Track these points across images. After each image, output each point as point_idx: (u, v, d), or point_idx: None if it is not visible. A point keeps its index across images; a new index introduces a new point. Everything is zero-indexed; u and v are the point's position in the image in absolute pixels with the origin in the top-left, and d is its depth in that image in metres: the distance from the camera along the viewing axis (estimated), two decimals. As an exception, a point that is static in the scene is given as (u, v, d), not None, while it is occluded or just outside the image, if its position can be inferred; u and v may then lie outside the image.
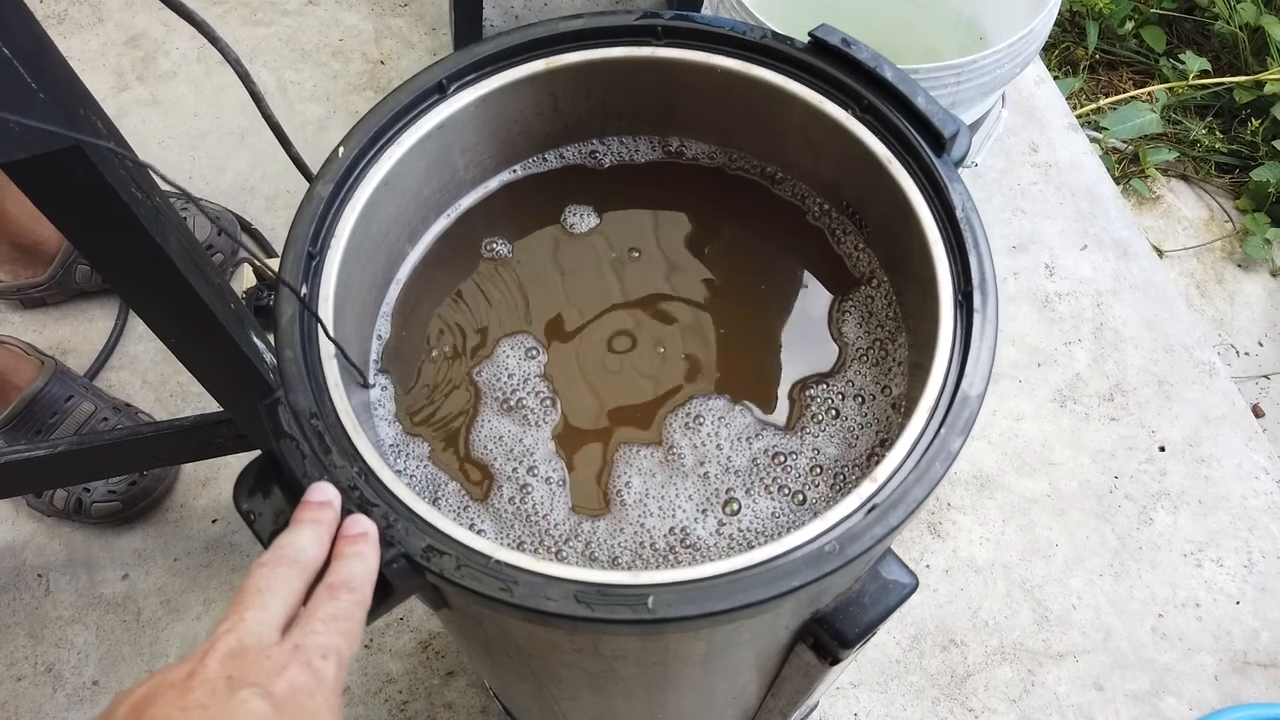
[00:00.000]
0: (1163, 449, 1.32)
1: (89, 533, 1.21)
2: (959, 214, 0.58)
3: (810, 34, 0.64)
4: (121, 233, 0.79)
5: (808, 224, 0.71)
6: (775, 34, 0.65)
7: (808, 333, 0.67)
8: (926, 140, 0.60)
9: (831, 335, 0.67)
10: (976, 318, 0.55)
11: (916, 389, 0.57)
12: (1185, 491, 1.29)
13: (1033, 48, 1.07)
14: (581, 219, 0.71)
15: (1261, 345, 1.68)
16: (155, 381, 1.32)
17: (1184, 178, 1.89)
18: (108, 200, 0.76)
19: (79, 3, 1.64)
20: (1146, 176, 1.83)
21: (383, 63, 1.61)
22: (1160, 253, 1.77)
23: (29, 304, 1.34)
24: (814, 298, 0.69)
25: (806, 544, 0.51)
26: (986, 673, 1.18)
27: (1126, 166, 1.85)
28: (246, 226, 1.43)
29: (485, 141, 0.69)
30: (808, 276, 0.69)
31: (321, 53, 1.62)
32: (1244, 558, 1.25)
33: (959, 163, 0.61)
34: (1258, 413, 1.61)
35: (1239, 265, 1.77)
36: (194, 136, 1.52)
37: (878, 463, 0.54)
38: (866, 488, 0.52)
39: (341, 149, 0.61)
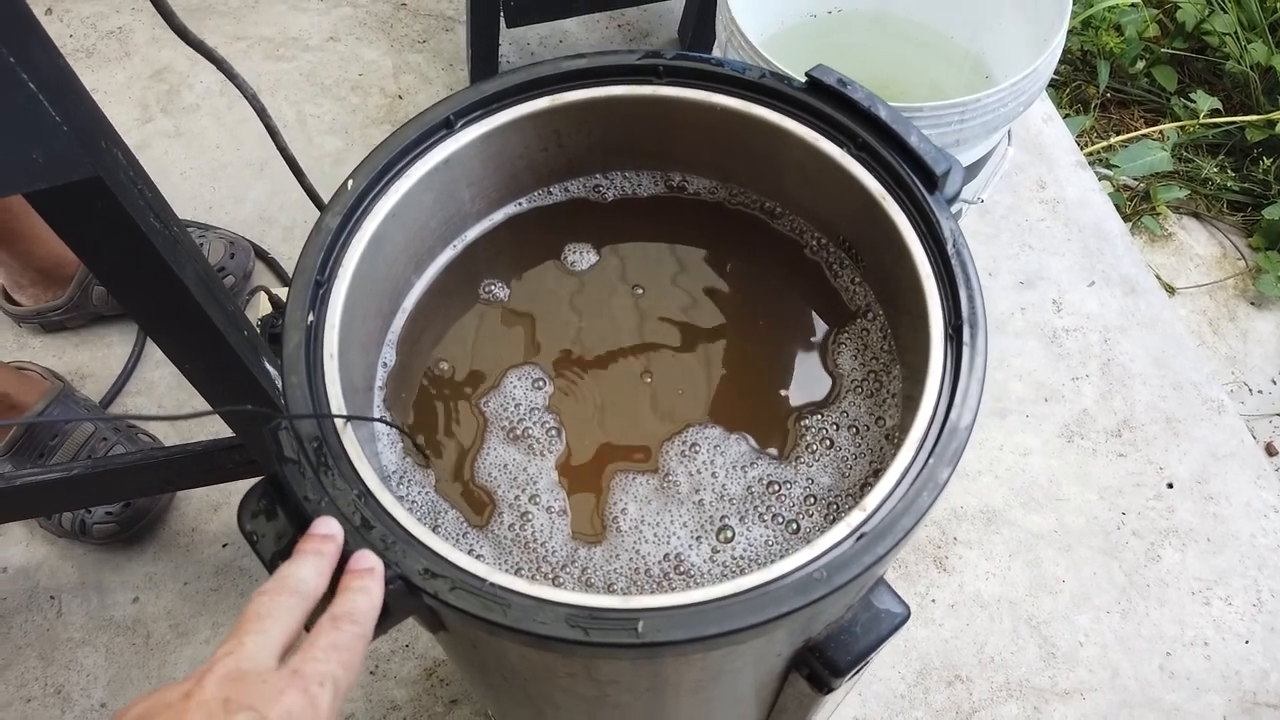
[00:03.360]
0: (1171, 486, 1.32)
1: (101, 555, 1.23)
2: (950, 250, 0.59)
3: (807, 74, 0.66)
4: (139, 261, 0.81)
5: (805, 258, 0.72)
6: (773, 74, 0.67)
7: (804, 364, 0.68)
8: (919, 178, 0.62)
9: (827, 367, 0.68)
10: (965, 352, 0.56)
11: (909, 420, 0.58)
12: (1194, 529, 1.29)
13: (1036, 86, 1.09)
14: (583, 255, 0.73)
15: (1275, 383, 1.68)
16: (171, 407, 1.34)
17: (1196, 215, 1.89)
18: (126, 229, 0.79)
19: (107, 38, 1.69)
20: (1158, 214, 1.84)
21: (400, 97, 1.65)
22: (1172, 290, 1.78)
23: (49, 328, 1.37)
24: (811, 330, 0.70)
25: (795, 571, 0.52)
26: (992, 709, 1.17)
27: (1138, 204, 1.86)
28: (263, 255, 1.45)
29: (491, 176, 0.71)
30: (805, 309, 0.71)
31: (341, 87, 1.65)
32: (1253, 596, 1.24)
33: (952, 200, 0.63)
34: (1271, 451, 1.60)
35: (1252, 303, 1.77)
36: (215, 167, 1.55)
37: (869, 492, 0.55)
38: (855, 516, 0.53)
39: (350, 182, 0.63)
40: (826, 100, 0.65)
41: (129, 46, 1.67)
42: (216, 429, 1.31)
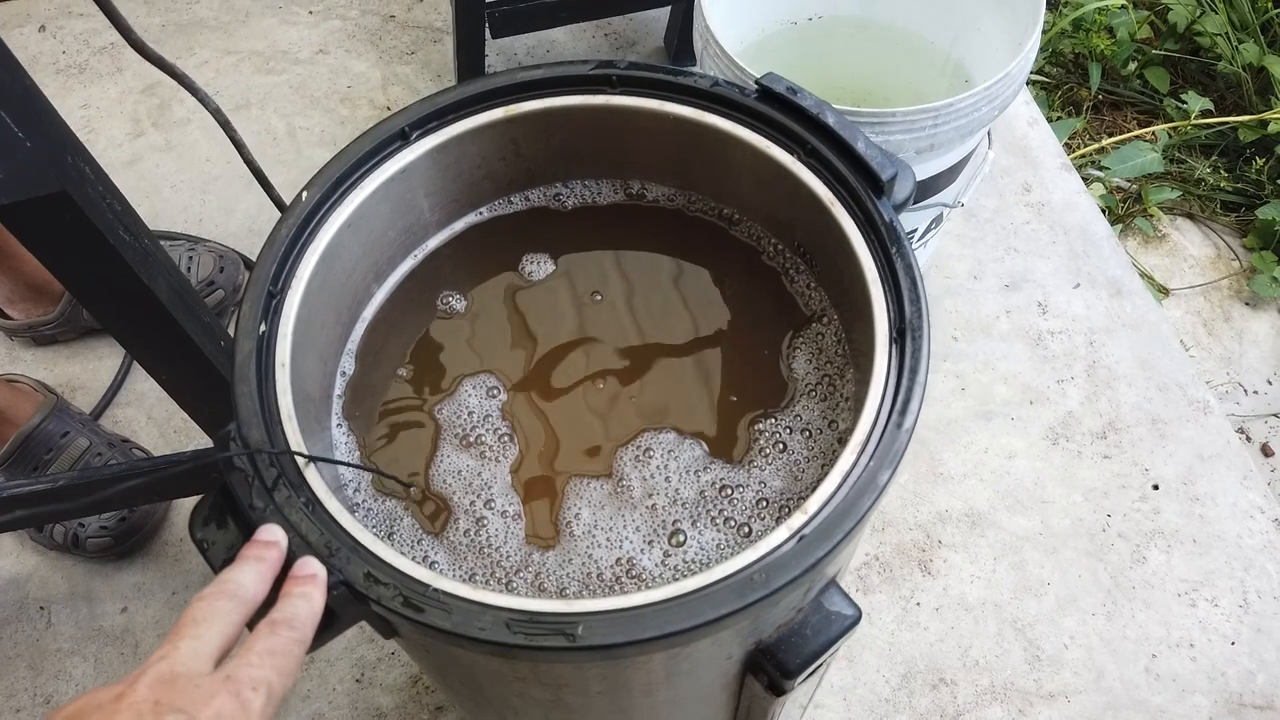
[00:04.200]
0: (1156, 487, 1.31)
1: (90, 566, 1.24)
2: (894, 255, 0.59)
3: (757, 81, 0.66)
4: (110, 274, 0.82)
5: (763, 264, 0.73)
6: (725, 82, 0.67)
7: (760, 369, 0.69)
8: (866, 183, 0.62)
9: (781, 371, 0.68)
10: (909, 356, 0.57)
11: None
12: (1179, 530, 1.28)
13: (1010, 90, 1.09)
14: (540, 265, 0.74)
15: (1270, 384, 1.67)
16: (160, 418, 1.35)
17: (1190, 216, 1.89)
18: (95, 243, 0.80)
19: (99, 54, 1.71)
20: (1150, 215, 1.83)
21: (389, 108, 1.66)
22: (1166, 291, 1.78)
23: (41, 341, 1.38)
24: (767, 335, 0.70)
25: (736, 574, 0.52)
26: (977, 712, 1.17)
27: (1130, 205, 1.85)
28: (251, 266, 1.47)
29: (449, 185, 0.72)
30: (762, 314, 0.71)
31: (330, 99, 1.67)
32: (1239, 598, 1.23)
33: (901, 206, 0.63)
34: (1267, 451, 1.60)
35: (1246, 303, 1.77)
36: (205, 180, 1.57)
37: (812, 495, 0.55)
38: (797, 519, 0.54)
39: (305, 193, 0.64)
40: (777, 107, 0.66)
41: (121, 62, 1.69)
42: (205, 439, 1.32)
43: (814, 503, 0.54)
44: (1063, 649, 1.21)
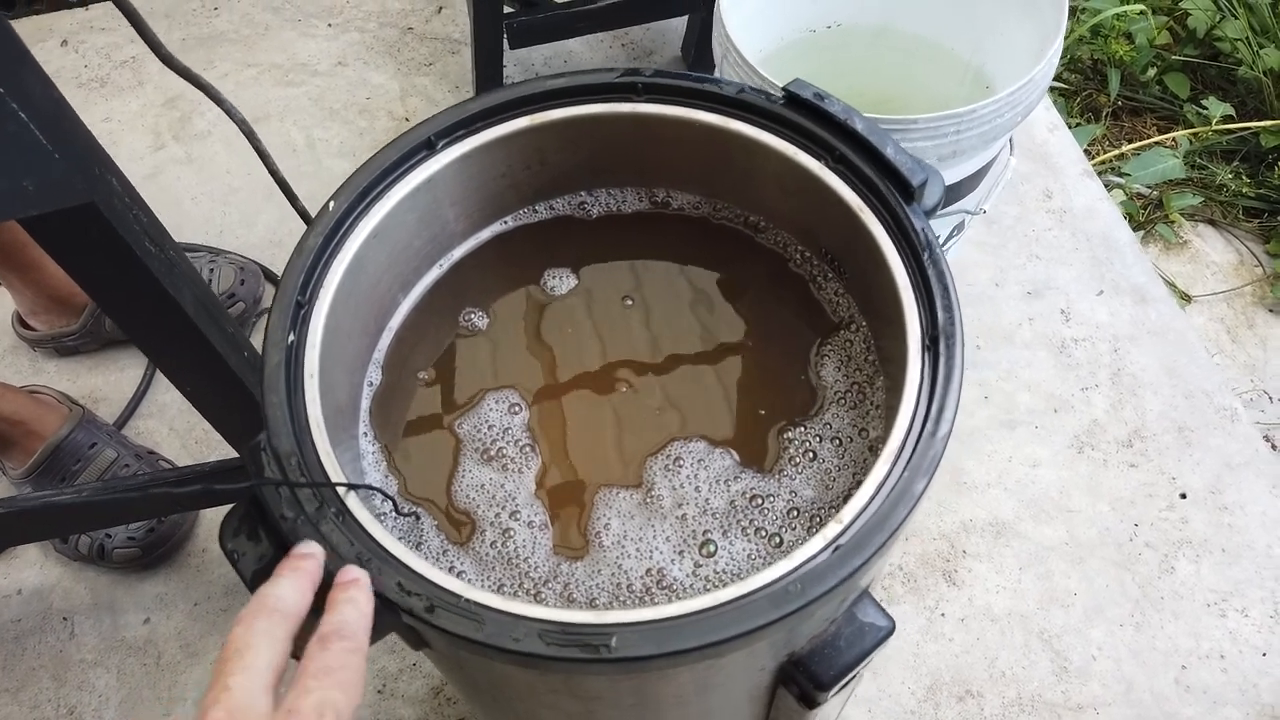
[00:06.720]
0: (1184, 496, 1.30)
1: (113, 577, 1.24)
2: (925, 261, 0.59)
3: (784, 88, 0.66)
4: (136, 285, 0.83)
5: (790, 271, 0.72)
6: (751, 89, 0.67)
7: (788, 377, 0.68)
8: (896, 189, 0.62)
9: (810, 379, 0.68)
10: (942, 364, 0.56)
11: (889, 432, 0.58)
12: (1208, 540, 1.27)
13: (1033, 97, 1.08)
14: (563, 278, 0.73)
15: (1295, 391, 1.65)
16: (182, 429, 1.36)
17: (1212, 222, 1.87)
18: (122, 255, 0.80)
19: (120, 67, 1.72)
20: (1172, 222, 1.82)
21: (408, 119, 1.66)
22: (1189, 298, 1.76)
23: (63, 352, 1.39)
24: (795, 343, 0.70)
25: (771, 584, 0.51)
26: (1003, 724, 1.16)
27: (1151, 212, 1.84)
28: (272, 277, 1.47)
29: (474, 195, 0.71)
30: (789, 322, 0.71)
31: (349, 111, 1.67)
32: (1270, 608, 1.22)
33: (932, 211, 0.63)
34: (1294, 459, 1.58)
35: (1270, 310, 1.75)
36: (226, 192, 1.57)
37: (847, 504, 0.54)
38: (832, 529, 0.53)
39: (332, 203, 0.64)
40: (804, 114, 0.66)
41: (142, 75, 1.70)
42: (227, 450, 1.33)
43: (849, 512, 0.53)
44: (1091, 660, 1.19)
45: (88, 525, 1.13)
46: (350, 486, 0.55)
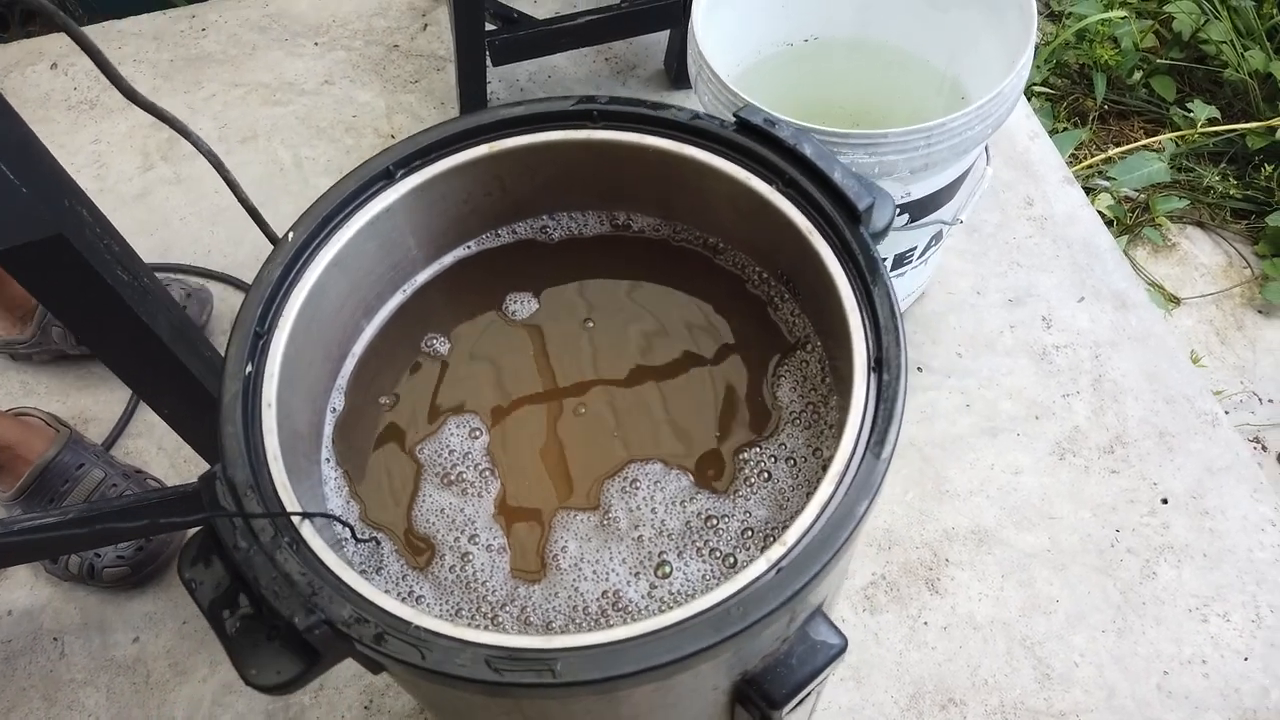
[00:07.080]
0: (1165, 501, 1.30)
1: (102, 596, 1.26)
2: (871, 284, 0.60)
3: (735, 114, 0.67)
4: (109, 312, 0.84)
5: (748, 292, 0.73)
6: (704, 115, 0.68)
7: (745, 397, 0.69)
8: (842, 212, 0.62)
9: (767, 400, 0.69)
10: (885, 386, 0.57)
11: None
12: (1189, 545, 1.27)
13: (1004, 109, 1.09)
14: (525, 302, 0.74)
15: (1285, 392, 1.65)
16: (170, 448, 1.37)
17: (1199, 224, 1.88)
18: (94, 284, 0.81)
19: (109, 90, 1.73)
20: (1158, 225, 1.82)
21: (394, 137, 1.68)
22: (1178, 300, 1.76)
23: (18, 358, 1.41)
24: (753, 363, 0.71)
25: (714, 607, 0.52)
26: (985, 733, 1.16)
27: (1138, 215, 1.84)
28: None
29: (435, 222, 0.72)
30: (747, 342, 0.72)
31: (336, 129, 1.69)
32: (1252, 612, 1.22)
33: (879, 234, 0.63)
34: (1285, 461, 1.58)
35: (1260, 311, 1.75)
36: (214, 212, 1.59)
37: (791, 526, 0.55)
38: (776, 550, 0.54)
39: (291, 234, 0.65)
40: (755, 139, 0.67)
41: (131, 97, 1.72)
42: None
43: (792, 534, 0.54)
44: (1073, 667, 1.20)
45: (86, 545, 1.14)
46: (304, 515, 0.56)
